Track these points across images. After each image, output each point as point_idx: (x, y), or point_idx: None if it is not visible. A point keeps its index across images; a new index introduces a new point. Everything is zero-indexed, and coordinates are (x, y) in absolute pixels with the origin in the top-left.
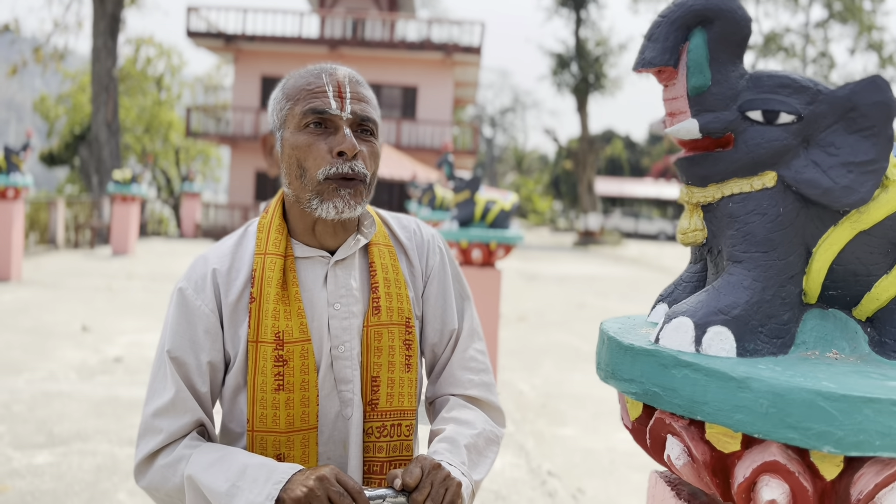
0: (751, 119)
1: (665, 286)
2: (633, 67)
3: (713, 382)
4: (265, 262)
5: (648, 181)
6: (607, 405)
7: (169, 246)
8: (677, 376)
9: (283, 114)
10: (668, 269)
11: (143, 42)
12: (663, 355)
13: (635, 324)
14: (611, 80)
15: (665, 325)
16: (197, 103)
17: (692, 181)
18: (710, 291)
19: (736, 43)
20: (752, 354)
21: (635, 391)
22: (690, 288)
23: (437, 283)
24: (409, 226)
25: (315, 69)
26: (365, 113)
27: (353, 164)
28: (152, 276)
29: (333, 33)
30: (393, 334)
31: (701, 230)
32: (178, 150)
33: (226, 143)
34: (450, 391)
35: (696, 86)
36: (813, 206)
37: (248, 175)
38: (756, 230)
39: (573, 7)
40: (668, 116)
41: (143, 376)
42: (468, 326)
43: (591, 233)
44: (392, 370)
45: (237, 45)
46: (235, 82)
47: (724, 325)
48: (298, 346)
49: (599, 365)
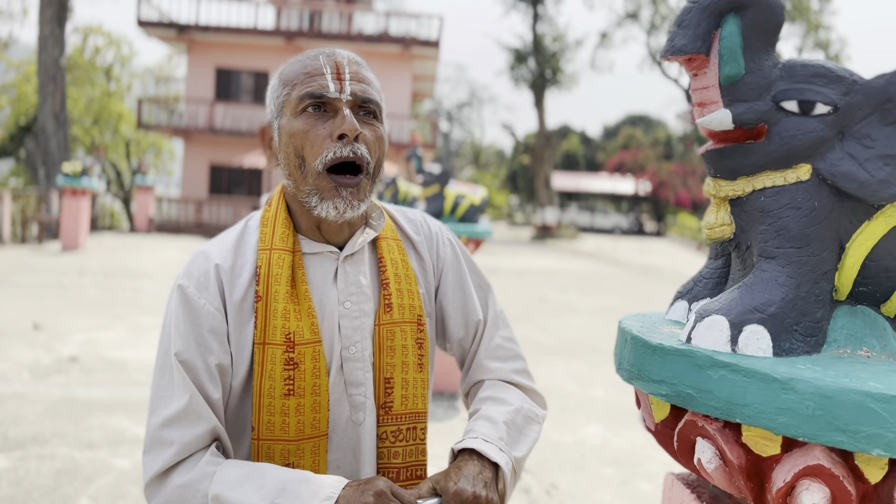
0: (785, 110)
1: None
2: (662, 55)
3: (753, 384)
4: (271, 259)
5: (604, 176)
6: (573, 399)
7: (121, 241)
8: (713, 377)
9: (280, 100)
10: (624, 262)
11: (92, 31)
12: (698, 355)
13: (655, 322)
14: (567, 75)
15: (697, 324)
16: (148, 94)
17: (721, 174)
18: (743, 288)
19: (770, 31)
20: (788, 353)
21: (666, 392)
22: (711, 284)
23: (452, 277)
24: (415, 219)
25: (313, 53)
26: (366, 94)
27: (356, 147)
28: (105, 271)
29: (290, 25)
30: (405, 333)
31: (728, 225)
32: (128, 142)
33: (179, 135)
34: (481, 378)
35: (729, 75)
36: (847, 199)
37: (202, 168)
38: (790, 225)
39: (530, 2)
40: (697, 107)
41: (100, 376)
42: (492, 315)
43: (549, 227)
44: (406, 371)
45: (190, 36)
46: (189, 73)
47: (760, 324)
48: (310, 347)
49: (622, 365)
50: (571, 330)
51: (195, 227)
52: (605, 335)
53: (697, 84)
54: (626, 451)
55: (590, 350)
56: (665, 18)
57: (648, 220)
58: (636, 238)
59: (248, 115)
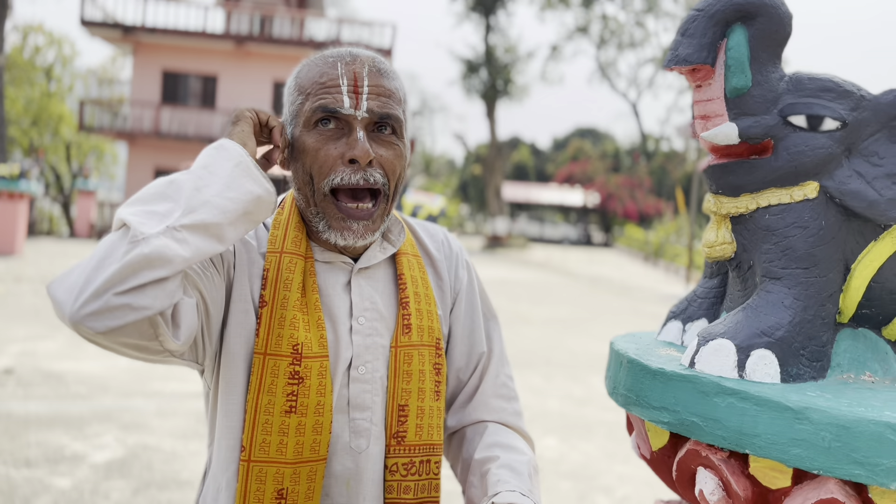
0: (793, 125)
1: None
2: (665, 65)
3: (765, 413)
4: (281, 262)
5: (553, 187)
6: (529, 412)
7: (60, 247)
8: (720, 405)
9: (295, 108)
10: (574, 273)
11: (32, 29)
12: (703, 382)
13: (649, 343)
14: (518, 87)
15: (701, 348)
16: (90, 96)
17: (723, 190)
18: (748, 311)
19: (778, 41)
20: (795, 379)
21: (668, 420)
22: (707, 304)
23: (465, 302)
24: (437, 235)
25: (332, 56)
26: (384, 110)
27: (368, 174)
28: (43, 278)
29: (240, 29)
30: (423, 357)
31: (730, 243)
32: (69, 144)
33: (123, 138)
34: (483, 418)
35: (736, 87)
36: (854, 219)
37: (146, 172)
38: (796, 245)
39: (483, 13)
40: (699, 119)
41: (37, 389)
42: (498, 350)
43: (499, 237)
44: (422, 398)
45: (136, 37)
46: (134, 76)
47: (767, 348)
48: (317, 362)
49: (616, 390)
50: (525, 341)
51: None
52: (557, 346)
53: (701, 96)
54: (582, 464)
55: (543, 361)
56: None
57: (596, 231)
58: (585, 249)
59: (196, 120)
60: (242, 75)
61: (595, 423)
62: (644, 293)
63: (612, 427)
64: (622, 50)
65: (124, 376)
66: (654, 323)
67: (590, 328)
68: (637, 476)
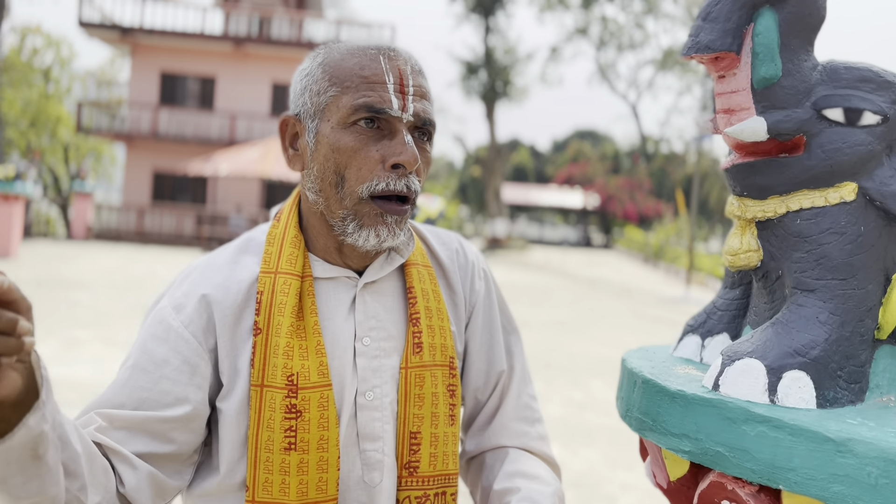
0: (828, 119)
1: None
2: (684, 53)
3: (801, 444)
4: (276, 284)
5: (553, 188)
6: None
7: (57, 249)
8: (750, 434)
9: (324, 100)
10: (573, 275)
11: (30, 31)
12: (730, 407)
13: (664, 360)
14: (518, 88)
15: (726, 369)
16: (88, 98)
17: (748, 192)
18: (778, 326)
19: (811, 27)
20: (832, 404)
21: (689, 449)
22: (728, 318)
23: (482, 316)
24: (450, 243)
25: (371, 48)
26: (428, 115)
27: (410, 181)
28: (38, 281)
29: (238, 30)
30: (436, 378)
31: (755, 251)
32: (67, 146)
33: (121, 140)
34: (504, 443)
35: (765, 77)
36: (895, 224)
37: (144, 174)
38: (832, 253)
39: (482, 14)
40: (722, 114)
41: None
42: (519, 367)
43: (498, 239)
44: (436, 424)
45: (134, 39)
46: (132, 77)
47: (801, 370)
48: (316, 392)
49: (630, 413)
50: (524, 344)
51: (136, 236)
52: (557, 350)
53: (724, 87)
54: (584, 472)
55: (543, 365)
56: (613, 35)
57: (596, 232)
58: (584, 250)
59: (194, 121)
60: (241, 77)
61: (596, 428)
62: (644, 295)
63: (614, 433)
64: (622, 51)
65: None
66: (656, 326)
67: (590, 331)
68: (640, 485)
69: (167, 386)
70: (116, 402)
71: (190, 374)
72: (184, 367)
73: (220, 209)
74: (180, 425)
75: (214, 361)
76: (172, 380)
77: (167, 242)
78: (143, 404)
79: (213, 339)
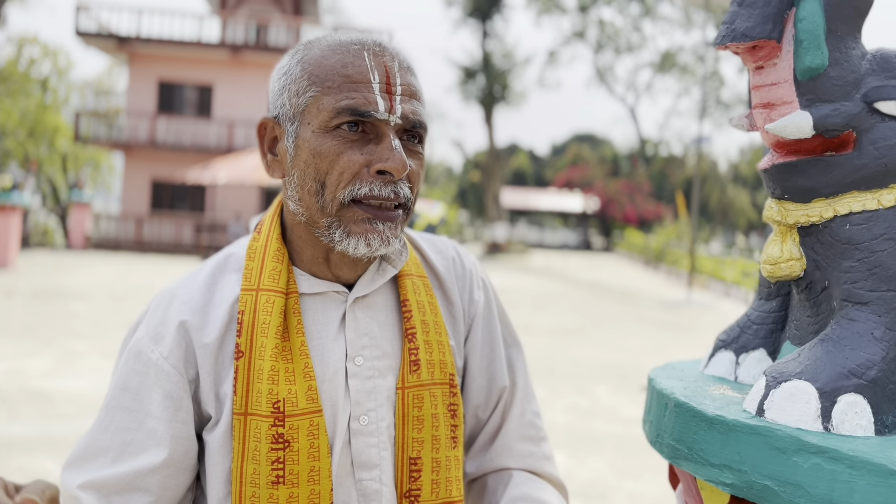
0: (881, 113)
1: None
2: (718, 42)
3: (862, 477)
4: (258, 303)
5: (552, 192)
6: None
7: (55, 259)
8: (802, 466)
9: (304, 101)
10: (574, 279)
11: (27, 41)
12: (779, 436)
13: (696, 380)
14: (516, 92)
15: (771, 392)
16: (86, 107)
17: (790, 195)
18: (828, 344)
19: (859, 11)
20: (891, 430)
21: (731, 482)
22: (764, 332)
23: (482, 329)
24: (446, 251)
25: (354, 42)
26: (418, 116)
27: (399, 188)
28: (36, 292)
29: (235, 38)
30: (436, 398)
31: (798, 259)
32: (65, 156)
33: (119, 149)
34: (507, 464)
35: (810, 67)
36: None
37: (143, 183)
38: (887, 261)
39: (480, 19)
40: (761, 109)
41: (23, 410)
42: (522, 383)
43: (499, 244)
44: (437, 448)
45: (131, 48)
46: (130, 86)
47: (857, 393)
48: (305, 420)
49: (661, 439)
50: (526, 350)
51: (135, 245)
52: (560, 355)
53: (763, 79)
54: (592, 481)
55: (546, 372)
56: (611, 38)
57: (596, 236)
58: (584, 254)
59: (192, 130)
60: (238, 84)
61: (603, 436)
62: (646, 299)
63: (621, 440)
64: (619, 54)
65: None
66: (660, 330)
67: (592, 336)
68: (649, 494)
69: (152, 424)
70: (100, 447)
71: (175, 409)
72: (167, 402)
73: (218, 217)
74: (173, 470)
75: (196, 393)
76: (157, 417)
77: (166, 251)
78: (129, 447)
79: (195, 369)
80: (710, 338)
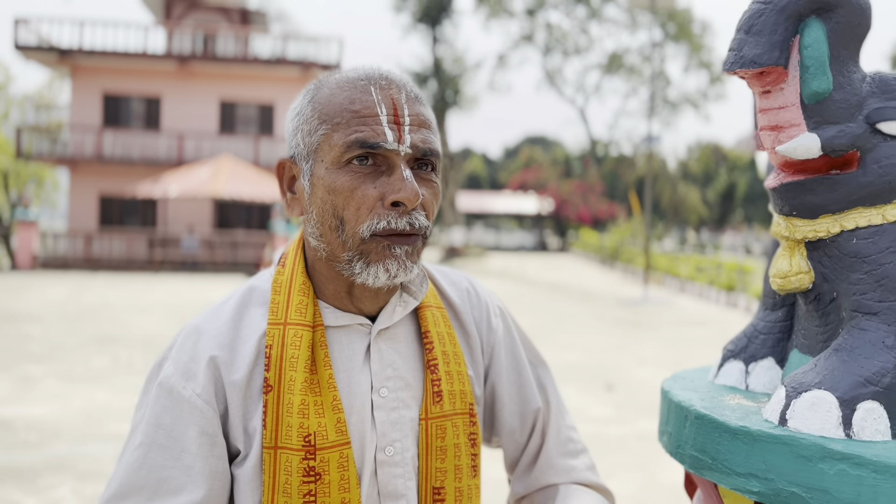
0: (882, 133)
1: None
2: (728, 68)
3: (887, 481)
4: (286, 337)
5: (507, 195)
6: None
7: (1, 281)
8: (828, 472)
9: (316, 139)
10: (533, 281)
11: None
12: (803, 444)
13: (710, 390)
14: (468, 97)
15: (792, 402)
16: (27, 122)
17: (798, 212)
18: (843, 353)
19: (859, 37)
20: None
21: (758, 490)
22: (772, 341)
23: (506, 356)
24: (460, 283)
25: (361, 78)
26: (428, 145)
27: (413, 218)
28: None
29: (182, 48)
30: (458, 428)
31: (807, 273)
32: (6, 173)
33: (64, 164)
34: (553, 481)
35: (816, 91)
36: None
37: (90, 199)
38: (894, 273)
39: (429, 24)
40: (768, 131)
41: None
42: (555, 400)
43: (456, 248)
44: (459, 477)
45: (74, 60)
46: (73, 100)
47: (875, 400)
48: (335, 452)
49: (682, 449)
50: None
51: (84, 263)
52: None
53: (770, 103)
54: None
55: None
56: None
57: (551, 236)
58: (541, 255)
59: (140, 143)
60: (187, 95)
61: None
62: (605, 298)
63: (592, 440)
64: (568, 57)
65: (77, 419)
66: (620, 329)
67: (555, 337)
68: (623, 493)
69: (189, 461)
70: (134, 485)
71: (210, 445)
72: (203, 439)
73: (171, 231)
74: None
75: (224, 428)
76: (193, 454)
77: (118, 268)
78: (165, 485)
79: (224, 405)
80: (669, 333)
